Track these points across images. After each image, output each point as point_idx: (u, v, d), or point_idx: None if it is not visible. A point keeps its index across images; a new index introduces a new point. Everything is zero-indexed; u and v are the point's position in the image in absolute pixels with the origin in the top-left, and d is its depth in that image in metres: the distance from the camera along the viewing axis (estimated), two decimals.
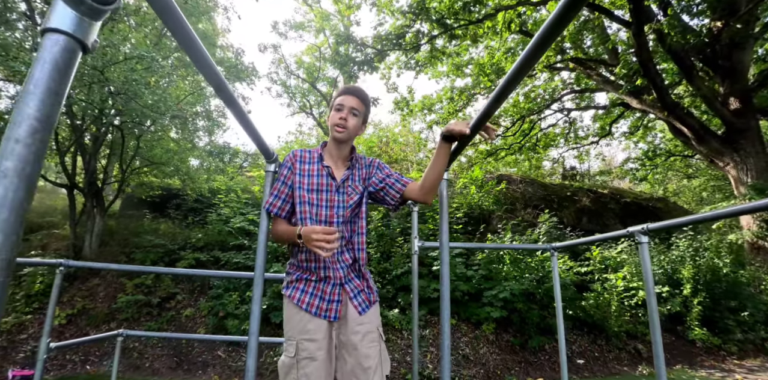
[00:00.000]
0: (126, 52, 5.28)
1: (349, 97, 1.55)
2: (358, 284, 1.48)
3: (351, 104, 1.54)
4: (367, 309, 1.44)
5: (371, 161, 1.65)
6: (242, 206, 8.34)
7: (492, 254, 6.43)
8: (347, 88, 1.59)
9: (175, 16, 0.66)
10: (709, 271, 7.38)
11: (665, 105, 8.49)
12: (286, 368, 1.35)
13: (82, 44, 0.44)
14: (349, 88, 1.60)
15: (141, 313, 5.93)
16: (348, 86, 1.61)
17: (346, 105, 1.54)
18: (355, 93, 1.57)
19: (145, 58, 5.11)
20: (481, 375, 5.22)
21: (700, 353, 6.67)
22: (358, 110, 1.55)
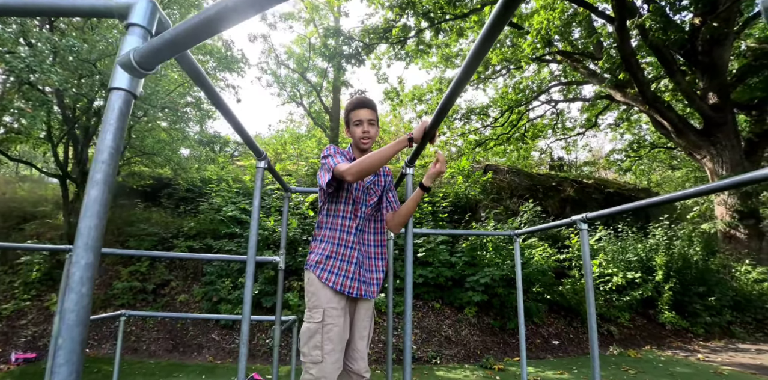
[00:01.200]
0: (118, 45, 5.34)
1: (363, 110, 1.76)
2: (380, 277, 1.79)
3: (368, 117, 1.76)
4: (376, 296, 1.78)
5: (388, 170, 1.94)
6: (233, 195, 8.50)
7: (475, 241, 6.72)
8: (359, 102, 1.78)
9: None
10: (680, 258, 7.79)
11: (646, 99, 8.77)
12: (310, 332, 1.59)
13: (134, 95, 0.65)
14: (361, 101, 1.79)
15: (137, 299, 6.14)
16: (358, 99, 1.80)
17: (364, 119, 1.75)
18: (368, 105, 1.78)
19: None
20: (462, 355, 5.55)
21: (668, 335, 7.10)
22: (374, 120, 1.79)
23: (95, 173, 0.58)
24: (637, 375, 4.75)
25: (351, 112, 1.78)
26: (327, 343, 1.55)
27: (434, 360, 5.29)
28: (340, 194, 1.75)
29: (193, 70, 0.91)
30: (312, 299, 1.65)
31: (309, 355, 1.56)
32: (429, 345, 5.64)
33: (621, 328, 6.89)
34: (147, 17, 0.67)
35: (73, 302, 0.53)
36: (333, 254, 1.68)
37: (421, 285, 6.38)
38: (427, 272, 6.35)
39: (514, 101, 12.72)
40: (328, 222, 1.76)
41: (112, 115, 0.61)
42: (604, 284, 7.12)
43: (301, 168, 11.86)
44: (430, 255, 6.47)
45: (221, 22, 0.57)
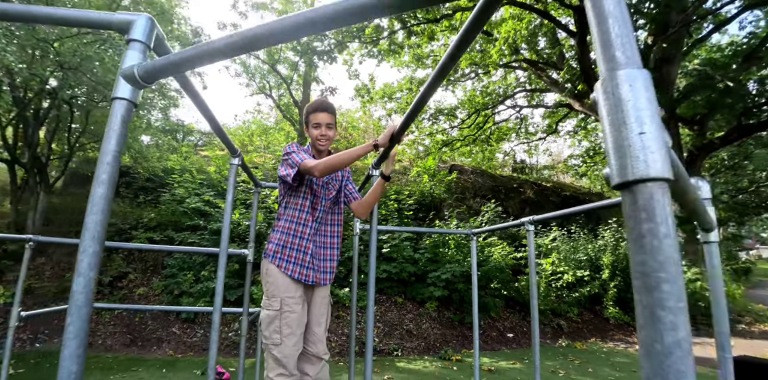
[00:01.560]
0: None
1: (322, 114, 1.86)
2: (333, 265, 1.91)
3: (326, 121, 1.87)
4: (329, 283, 1.90)
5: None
6: (197, 186, 8.31)
7: (438, 239, 6.96)
8: (319, 106, 1.88)
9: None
10: (625, 258, 8.42)
11: None
12: (270, 319, 1.71)
13: (134, 103, 0.73)
14: (321, 104, 1.89)
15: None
16: (319, 103, 1.90)
17: (322, 123, 1.86)
18: (327, 109, 1.88)
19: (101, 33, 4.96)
20: (422, 347, 5.78)
21: (612, 328, 7.68)
22: (331, 123, 1.89)
23: (101, 174, 0.66)
24: (582, 365, 5.15)
25: (310, 114, 1.89)
26: (285, 328, 1.69)
27: (395, 353, 5.48)
28: (300, 189, 1.85)
29: (188, 87, 0.99)
30: (270, 288, 1.76)
31: (270, 338, 1.70)
32: (391, 338, 5.82)
33: (570, 322, 7.39)
34: (146, 33, 0.75)
35: (82, 285, 0.62)
36: (289, 244, 1.79)
37: (384, 280, 6.55)
38: (391, 268, 6.53)
39: (481, 104, 13.11)
40: (287, 214, 1.85)
41: (115, 122, 0.69)
42: (556, 281, 7.59)
43: (268, 161, 11.72)
44: (395, 251, 6.65)
45: (222, 55, 0.66)
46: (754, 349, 6.25)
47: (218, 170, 8.93)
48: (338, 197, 1.98)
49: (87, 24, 0.77)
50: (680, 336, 0.27)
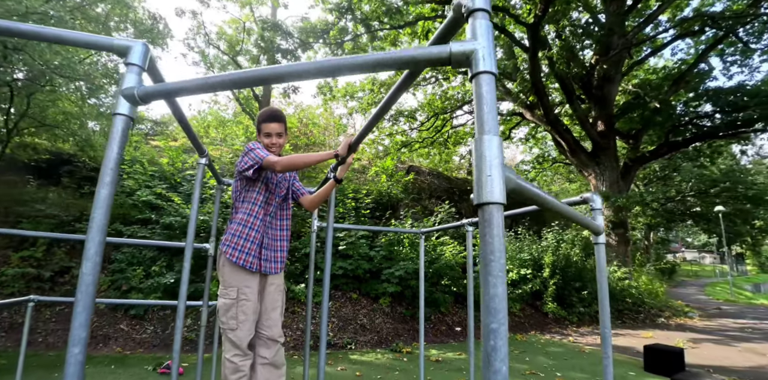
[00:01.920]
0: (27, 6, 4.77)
1: (272, 124, 2.04)
2: (284, 256, 2.08)
3: (276, 130, 2.04)
4: (280, 271, 2.07)
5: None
6: (148, 178, 8.03)
7: (393, 237, 7.23)
8: (269, 116, 2.04)
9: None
10: (564, 258, 9.16)
11: (548, 120, 10.06)
12: (227, 306, 1.86)
13: (132, 118, 0.87)
14: (271, 115, 2.05)
15: (30, 287, 5.59)
16: (269, 113, 2.06)
17: (272, 132, 2.04)
18: (277, 119, 2.05)
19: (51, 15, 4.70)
20: (374, 341, 6.01)
21: (550, 322, 8.32)
22: (281, 132, 2.06)
23: (105, 177, 0.80)
24: (519, 354, 5.61)
25: (262, 123, 2.06)
26: (241, 315, 1.85)
27: (349, 346, 5.67)
28: (256, 185, 2.01)
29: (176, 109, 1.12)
30: (227, 278, 1.92)
31: (227, 324, 1.86)
32: (345, 332, 6.00)
33: (513, 317, 7.93)
34: (142, 58, 0.89)
35: (90, 268, 0.75)
36: (242, 235, 1.94)
37: (340, 276, 6.72)
38: (347, 265, 6.71)
39: (440, 108, 13.60)
40: (243, 207, 2.00)
41: (116, 134, 0.83)
42: None
43: (226, 155, 11.47)
44: (351, 249, 6.83)
45: (211, 89, 0.82)
46: (669, 339, 7.03)
47: (171, 162, 8.66)
48: (287, 195, 2.17)
49: (92, 46, 0.90)
50: (498, 291, 0.48)
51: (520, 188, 0.61)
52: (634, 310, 9.69)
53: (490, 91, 0.57)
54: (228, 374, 1.85)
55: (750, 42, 11.34)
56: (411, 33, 8.59)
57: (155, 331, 5.47)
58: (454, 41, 0.64)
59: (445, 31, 0.73)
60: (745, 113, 9.56)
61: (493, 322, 0.49)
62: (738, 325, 9.23)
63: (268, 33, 8.11)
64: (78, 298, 0.75)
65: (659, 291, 11.66)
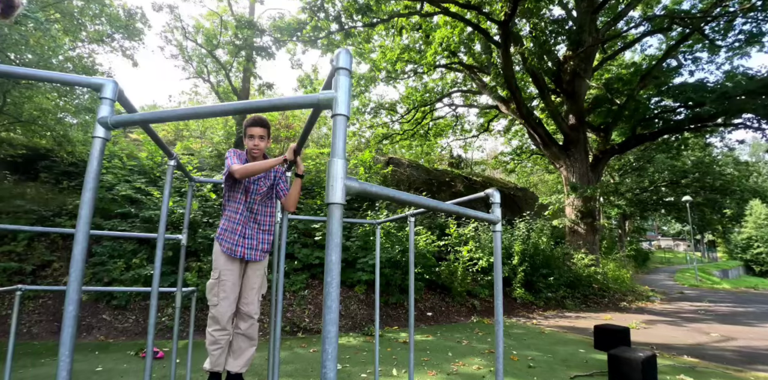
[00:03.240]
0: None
1: (256, 128, 2.31)
2: (265, 247, 2.39)
3: (259, 133, 2.32)
4: (262, 258, 2.38)
5: (278, 168, 2.48)
6: (128, 173, 8.15)
7: (369, 228, 7.56)
8: (254, 122, 2.32)
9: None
10: (533, 247, 9.64)
11: (521, 114, 10.45)
12: (211, 285, 2.24)
13: (107, 139, 1.15)
14: (255, 120, 2.32)
15: (12, 281, 5.75)
16: (254, 119, 2.33)
17: (255, 135, 2.32)
18: (260, 124, 2.33)
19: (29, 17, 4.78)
20: (349, 325, 6.38)
21: (518, 306, 8.82)
22: (264, 135, 2.35)
23: (88, 184, 1.08)
24: (483, 336, 6.05)
25: (247, 127, 2.34)
26: (221, 292, 2.22)
27: None
28: (236, 184, 2.34)
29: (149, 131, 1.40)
30: (215, 263, 2.29)
31: (210, 300, 2.24)
32: (320, 318, 6.34)
33: (483, 302, 8.39)
34: (113, 92, 1.16)
35: (79, 251, 1.04)
36: (228, 228, 2.31)
37: (317, 266, 7.04)
38: (323, 255, 7.01)
39: (420, 101, 13.88)
40: (229, 205, 2.35)
41: (95, 152, 1.11)
42: (473, 266, 8.55)
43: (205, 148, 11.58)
44: None
45: (169, 119, 1.10)
46: (625, 321, 7.58)
47: (150, 156, 8.78)
48: (270, 193, 2.46)
49: (73, 84, 1.17)
50: (332, 258, 0.80)
51: (364, 190, 0.92)
52: (599, 295, 10.28)
53: (341, 128, 0.87)
54: (208, 345, 2.23)
55: (716, 39, 11.88)
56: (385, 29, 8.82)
57: (137, 320, 5.72)
58: (321, 92, 0.93)
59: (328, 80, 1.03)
60: (704, 108, 10.11)
61: (329, 277, 0.79)
62: (694, 308, 9.91)
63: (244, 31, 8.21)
64: (71, 273, 1.03)
65: (625, 277, 12.33)
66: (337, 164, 0.84)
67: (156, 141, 1.85)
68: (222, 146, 10.44)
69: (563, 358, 4.90)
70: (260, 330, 5.85)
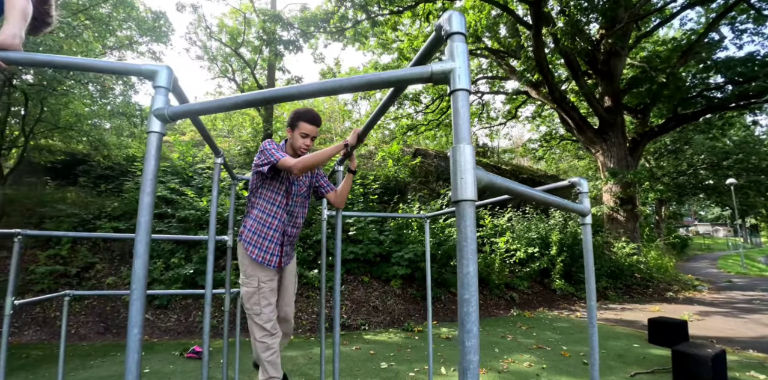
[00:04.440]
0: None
1: (312, 127, 2.10)
2: (293, 249, 2.27)
3: (314, 133, 2.12)
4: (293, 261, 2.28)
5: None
6: (161, 174, 8.26)
7: (402, 221, 7.40)
8: (313, 118, 2.10)
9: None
10: (571, 236, 9.27)
11: (554, 98, 9.98)
12: (249, 294, 2.04)
13: (164, 134, 1.00)
14: (315, 118, 2.11)
15: (58, 284, 5.91)
16: (313, 116, 2.11)
17: (311, 135, 2.10)
18: (318, 123, 2.12)
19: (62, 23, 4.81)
20: (387, 321, 6.27)
21: (558, 298, 8.51)
22: (316, 135, 2.15)
23: (146, 187, 0.94)
24: (527, 330, 5.82)
25: (302, 121, 2.09)
26: (263, 300, 2.04)
27: (363, 327, 5.93)
28: (274, 184, 2.10)
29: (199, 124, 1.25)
30: (247, 269, 2.08)
31: (251, 310, 2.04)
32: (358, 314, 6.26)
33: (521, 294, 8.13)
34: (168, 80, 1.01)
35: (140, 265, 0.90)
36: (260, 232, 2.07)
37: (351, 260, 6.94)
38: (358, 250, 6.92)
39: (445, 89, 13.50)
40: (260, 205, 2.10)
41: (152, 149, 0.97)
42: (510, 257, 8.28)
43: (233, 147, 11.64)
44: (361, 234, 7.03)
45: (229, 108, 0.95)
46: (676, 313, 7.17)
47: (182, 157, 8.87)
48: (308, 192, 2.27)
49: (123, 72, 1.03)
50: (470, 269, 0.62)
51: (493, 184, 0.74)
52: (642, 285, 9.82)
53: (464, 106, 0.69)
54: (260, 352, 2.05)
55: (763, 9, 10.98)
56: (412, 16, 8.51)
57: (179, 319, 5.78)
58: (434, 62, 0.75)
59: (426, 51, 0.85)
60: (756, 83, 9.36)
61: (466, 294, 0.62)
62: (746, 297, 9.32)
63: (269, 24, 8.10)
64: (133, 289, 0.90)
65: (668, 266, 11.75)
66: (465, 151, 0.66)
67: (206, 138, 1.71)
68: (249, 144, 10.46)
69: (618, 353, 4.62)
70: (299, 327, 5.82)
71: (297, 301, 6.31)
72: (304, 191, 2.23)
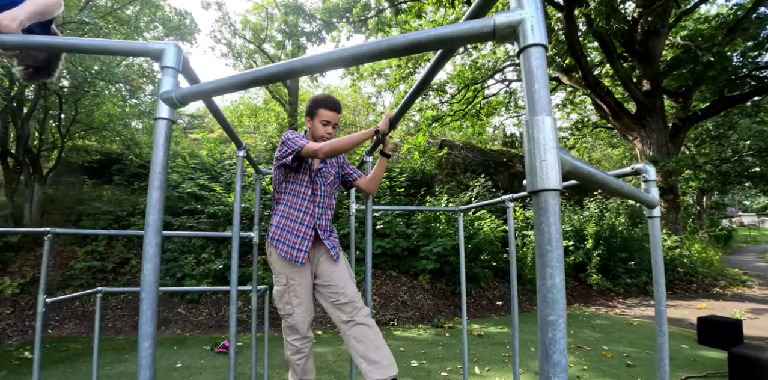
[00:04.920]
0: (63, 16, 4.99)
1: (333, 113, 1.97)
2: (333, 241, 2.04)
3: (336, 121, 1.98)
4: (338, 257, 1.99)
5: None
6: (191, 171, 8.39)
7: (430, 214, 7.22)
8: (333, 104, 1.97)
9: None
10: (608, 229, 8.82)
11: (588, 83, 9.46)
12: (280, 293, 1.92)
13: (173, 121, 0.89)
14: (336, 104, 1.98)
15: (96, 279, 6.11)
16: (333, 102, 1.98)
17: (332, 122, 1.97)
18: (338, 109, 1.99)
19: (86, 23, 4.88)
20: (416, 317, 6.15)
21: (594, 294, 8.14)
22: (338, 123, 2.01)
23: (154, 181, 0.83)
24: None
25: (321, 109, 1.96)
26: (294, 299, 1.90)
27: (392, 322, 5.83)
28: (298, 177, 1.97)
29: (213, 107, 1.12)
30: (276, 266, 1.96)
31: (283, 309, 1.92)
32: (387, 309, 6.16)
33: None
34: (176, 60, 0.89)
35: (150, 269, 0.79)
36: (288, 228, 1.94)
37: (379, 255, 6.84)
38: (385, 243, 6.80)
39: (471, 79, 13.11)
40: (286, 200, 1.98)
41: (160, 138, 0.85)
42: None
43: (260, 142, 11.73)
44: (388, 228, 6.90)
45: (247, 85, 0.82)
46: (725, 310, 6.71)
47: (210, 154, 8.99)
48: (335, 182, 2.11)
49: (129, 53, 0.92)
50: (557, 282, 0.46)
51: (576, 169, 0.57)
52: (686, 280, 9.26)
53: (541, 66, 0.53)
54: (289, 355, 1.94)
55: None
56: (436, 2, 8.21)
57: (210, 314, 5.86)
58: (495, 14, 0.59)
59: (481, 5, 0.68)
60: None
61: (552, 314, 0.47)
62: None
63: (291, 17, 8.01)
64: (143, 297, 0.80)
65: (713, 259, 11.05)
66: (545, 125, 0.50)
67: (227, 129, 1.60)
68: (276, 140, 10.50)
69: None
70: (326, 322, 5.79)
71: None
72: (331, 181, 2.08)
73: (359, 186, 2.12)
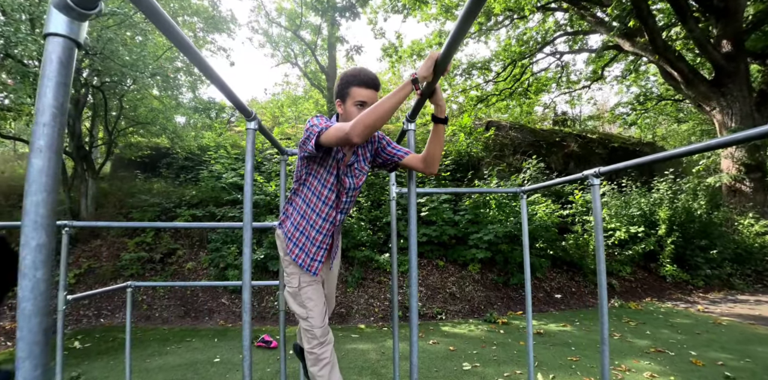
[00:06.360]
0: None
1: (369, 92, 1.55)
2: (337, 246, 1.87)
3: (374, 101, 1.55)
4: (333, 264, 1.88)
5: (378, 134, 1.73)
6: (233, 161, 8.41)
7: (478, 199, 6.69)
8: (368, 80, 1.55)
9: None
10: (684, 212, 7.79)
11: (656, 48, 8.31)
12: (292, 295, 1.69)
13: (77, 42, 0.54)
14: (370, 79, 1.56)
15: (145, 269, 6.25)
16: (368, 77, 1.56)
17: (369, 102, 1.55)
18: (376, 86, 1.56)
19: (117, 14, 4.82)
20: (466, 310, 5.73)
21: (669, 287, 7.25)
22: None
23: (37, 139, 0.49)
24: (638, 327, 4.89)
25: (354, 87, 1.54)
26: (308, 300, 1.66)
27: (439, 316, 5.46)
28: (323, 174, 1.62)
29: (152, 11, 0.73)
30: (288, 267, 1.69)
31: (297, 312, 1.68)
32: (434, 301, 5.80)
33: (622, 281, 7.04)
34: None
35: (28, 289, 0.47)
36: (306, 232, 1.66)
37: (424, 243, 6.46)
38: (431, 231, 6.40)
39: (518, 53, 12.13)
40: (305, 195, 1.67)
41: (51, 67, 0.51)
42: (607, 238, 7.19)
43: (301, 131, 11.64)
44: (434, 214, 6.48)
45: None
46: None
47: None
48: (364, 180, 1.74)
49: None
50: None
51: None
52: None
53: None
54: (310, 366, 1.65)
55: None
56: None
57: (252, 304, 5.80)
58: None
59: None
60: None
61: None
62: None
63: None
64: (19, 334, 0.48)
65: None
66: None
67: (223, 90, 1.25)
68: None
69: None
70: (371, 315, 5.53)
71: (367, 287, 6.02)
72: (362, 183, 1.72)
73: (411, 166, 1.65)
